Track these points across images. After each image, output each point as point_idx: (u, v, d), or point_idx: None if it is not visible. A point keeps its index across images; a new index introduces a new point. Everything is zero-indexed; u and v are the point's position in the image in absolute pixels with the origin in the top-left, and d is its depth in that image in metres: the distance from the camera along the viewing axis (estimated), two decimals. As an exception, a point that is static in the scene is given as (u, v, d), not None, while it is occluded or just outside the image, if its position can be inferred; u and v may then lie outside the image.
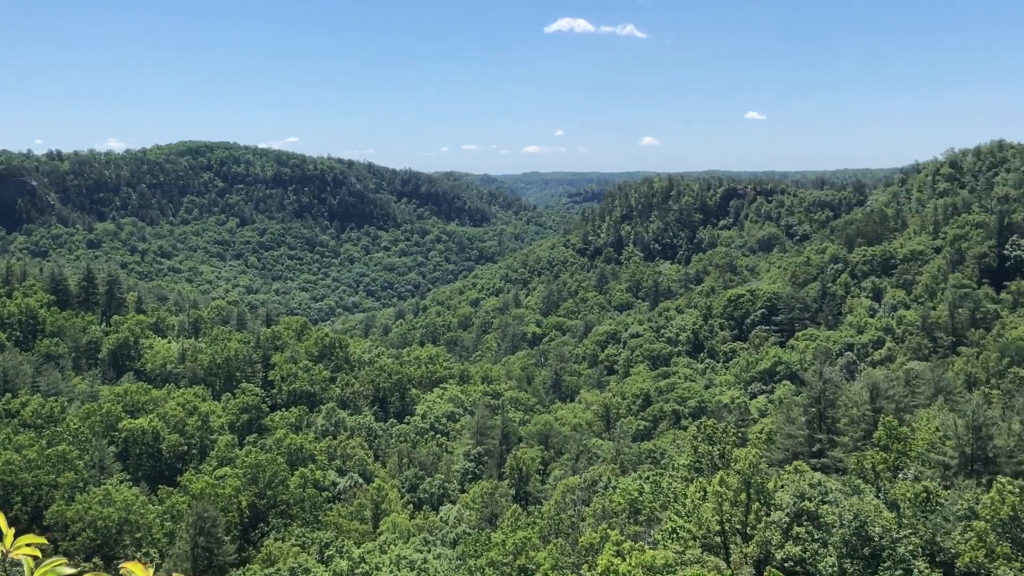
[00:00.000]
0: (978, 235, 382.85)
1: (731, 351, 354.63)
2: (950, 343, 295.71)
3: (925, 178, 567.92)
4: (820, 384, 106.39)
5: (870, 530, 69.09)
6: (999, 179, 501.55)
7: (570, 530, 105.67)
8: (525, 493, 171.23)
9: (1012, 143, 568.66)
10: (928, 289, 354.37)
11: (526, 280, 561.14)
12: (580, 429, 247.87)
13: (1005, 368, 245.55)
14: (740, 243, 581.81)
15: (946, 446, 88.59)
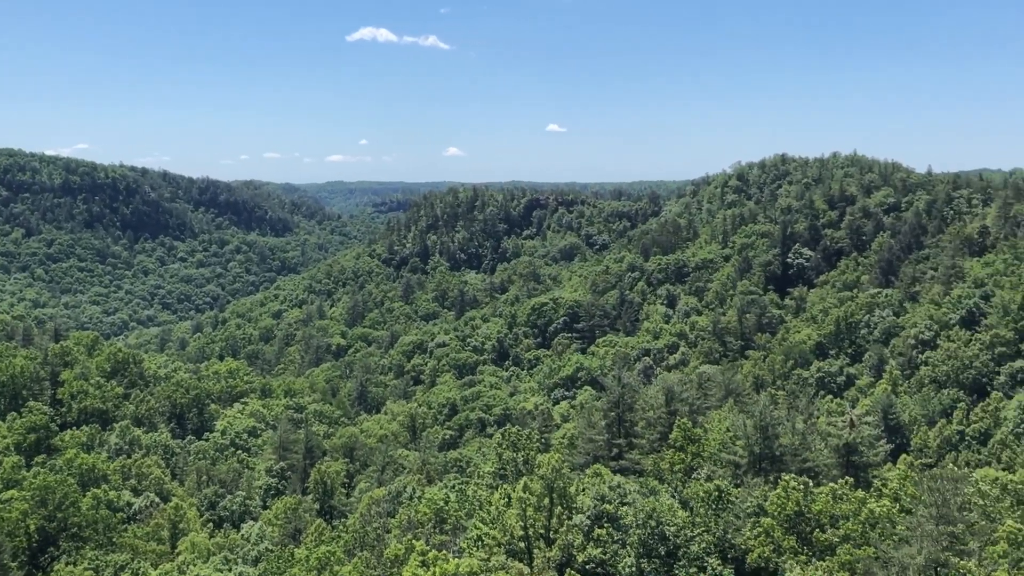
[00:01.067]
0: (764, 244, 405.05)
1: (535, 358, 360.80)
2: (739, 347, 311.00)
3: (715, 190, 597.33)
4: (619, 389, 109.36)
5: (665, 530, 71.46)
6: (782, 191, 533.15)
7: (375, 542, 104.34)
8: (330, 507, 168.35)
9: (794, 157, 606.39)
10: (718, 295, 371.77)
11: (330, 291, 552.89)
12: (386, 440, 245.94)
13: (789, 370, 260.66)
14: (543, 252, 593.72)
15: (736, 446, 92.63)
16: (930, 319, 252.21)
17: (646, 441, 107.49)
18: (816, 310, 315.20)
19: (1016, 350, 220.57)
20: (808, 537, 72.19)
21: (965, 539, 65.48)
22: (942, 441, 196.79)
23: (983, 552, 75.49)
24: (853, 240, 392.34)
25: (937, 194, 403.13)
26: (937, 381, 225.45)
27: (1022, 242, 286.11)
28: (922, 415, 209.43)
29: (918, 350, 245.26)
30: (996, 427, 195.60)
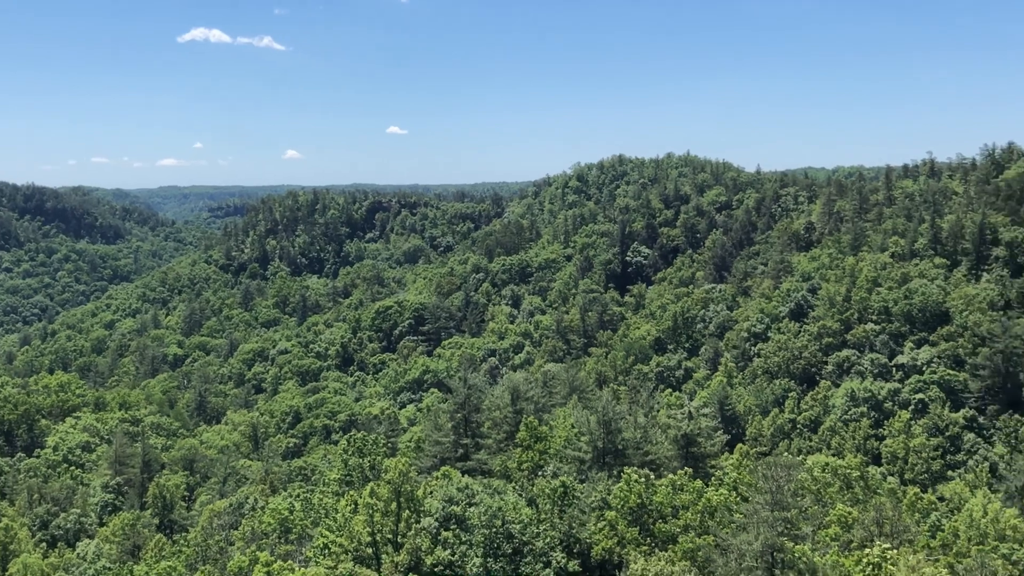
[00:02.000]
0: (604, 243, 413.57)
1: (381, 362, 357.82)
2: (582, 344, 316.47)
3: (556, 191, 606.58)
4: (465, 390, 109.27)
5: (511, 528, 71.77)
6: (620, 191, 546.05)
7: (218, 555, 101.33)
8: (170, 521, 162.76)
9: (631, 158, 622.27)
10: (561, 295, 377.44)
11: (166, 299, 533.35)
12: (227, 451, 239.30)
13: (631, 365, 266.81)
14: (387, 255, 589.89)
15: (581, 442, 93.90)
16: (761, 312, 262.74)
17: (493, 441, 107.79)
18: (655, 306, 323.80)
19: (842, 340, 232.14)
20: (650, 528, 73.81)
21: (799, 524, 68.18)
22: (775, 430, 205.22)
23: (816, 536, 78.98)
24: (688, 238, 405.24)
25: (766, 192, 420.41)
26: (769, 372, 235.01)
27: (845, 237, 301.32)
28: (756, 405, 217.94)
29: (751, 343, 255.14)
30: (825, 415, 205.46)
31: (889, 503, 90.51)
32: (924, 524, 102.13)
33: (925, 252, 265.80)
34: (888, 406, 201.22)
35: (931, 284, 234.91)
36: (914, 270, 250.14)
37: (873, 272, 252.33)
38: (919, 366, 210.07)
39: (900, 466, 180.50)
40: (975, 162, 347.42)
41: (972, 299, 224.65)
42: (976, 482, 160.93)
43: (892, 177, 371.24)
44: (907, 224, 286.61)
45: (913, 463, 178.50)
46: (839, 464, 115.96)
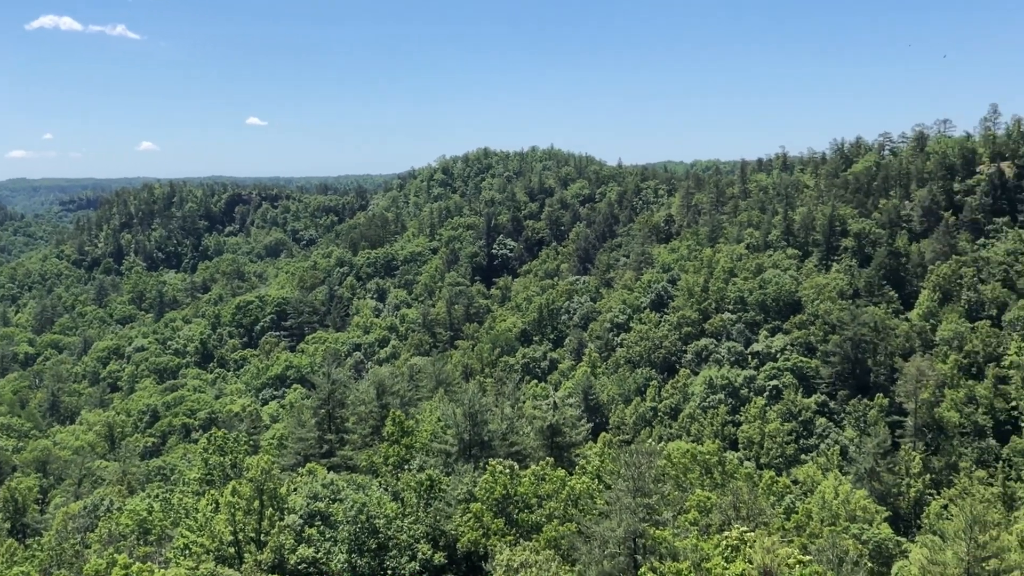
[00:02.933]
0: (470, 236, 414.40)
1: (242, 359, 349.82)
2: (448, 337, 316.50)
3: (421, 183, 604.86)
4: (329, 385, 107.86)
5: (376, 523, 71.25)
6: (486, 184, 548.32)
7: (74, 559, 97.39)
8: (23, 525, 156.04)
9: (496, 151, 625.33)
10: (427, 288, 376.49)
11: (15, 296, 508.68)
12: (82, 452, 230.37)
13: (496, 358, 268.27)
14: (247, 249, 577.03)
15: (447, 435, 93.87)
16: (624, 303, 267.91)
17: (358, 436, 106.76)
18: (520, 299, 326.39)
19: (700, 329, 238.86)
20: (515, 518, 74.39)
21: (660, 509, 69.81)
22: (637, 418, 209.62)
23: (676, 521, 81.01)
24: (553, 230, 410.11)
25: (627, 186, 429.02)
26: (631, 361, 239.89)
27: (703, 229, 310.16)
28: (619, 394, 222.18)
29: (614, 333, 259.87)
30: (685, 402, 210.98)
31: (746, 487, 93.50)
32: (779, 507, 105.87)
33: (778, 243, 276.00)
34: (744, 393, 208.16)
35: (784, 274, 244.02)
36: (768, 261, 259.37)
37: (729, 263, 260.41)
38: (773, 354, 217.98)
39: (756, 451, 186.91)
40: (825, 156, 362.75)
41: (823, 288, 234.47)
42: (828, 465, 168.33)
43: (747, 171, 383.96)
44: (761, 216, 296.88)
45: (768, 448, 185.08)
46: (698, 450, 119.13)
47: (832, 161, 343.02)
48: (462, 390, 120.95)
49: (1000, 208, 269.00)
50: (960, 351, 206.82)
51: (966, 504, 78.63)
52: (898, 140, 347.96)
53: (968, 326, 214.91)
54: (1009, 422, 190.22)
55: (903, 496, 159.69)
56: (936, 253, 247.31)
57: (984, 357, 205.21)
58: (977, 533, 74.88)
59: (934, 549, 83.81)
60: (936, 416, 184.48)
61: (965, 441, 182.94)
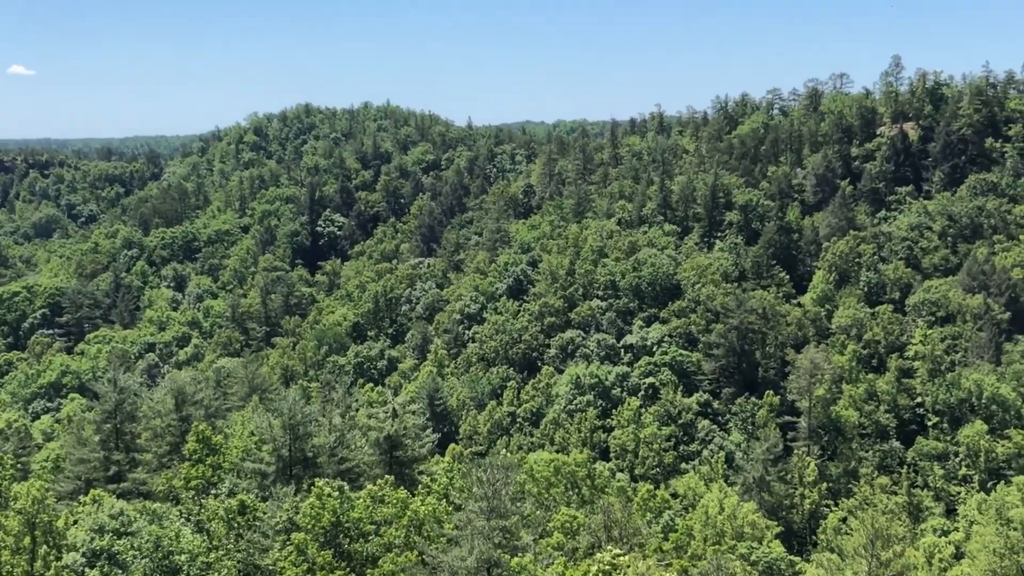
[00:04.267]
0: (289, 211, 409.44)
1: (6, 364, 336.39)
2: (264, 334, 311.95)
3: (228, 147, 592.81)
4: (115, 395, 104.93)
5: (176, 560, 69.94)
6: (308, 147, 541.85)
7: None
8: None
9: (320, 108, 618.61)
10: (237, 274, 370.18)
11: None
12: None
13: (324, 357, 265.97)
14: (11, 228, 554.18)
15: (263, 451, 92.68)
16: (476, 290, 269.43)
17: (153, 456, 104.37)
18: (352, 286, 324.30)
19: (566, 320, 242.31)
20: (347, 550, 74.15)
21: (519, 533, 70.57)
22: (493, 425, 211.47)
23: (538, 545, 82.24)
24: (391, 204, 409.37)
25: (479, 150, 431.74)
26: (485, 359, 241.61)
27: (568, 201, 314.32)
28: (471, 398, 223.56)
29: (464, 325, 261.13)
30: (548, 405, 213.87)
31: (618, 503, 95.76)
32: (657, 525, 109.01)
33: (654, 218, 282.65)
34: (616, 393, 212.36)
35: (661, 254, 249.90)
36: (643, 239, 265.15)
37: (598, 241, 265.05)
38: (649, 347, 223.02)
39: (630, 460, 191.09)
40: (707, 116, 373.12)
41: (705, 270, 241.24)
42: (711, 475, 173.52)
43: (618, 133, 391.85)
44: (635, 187, 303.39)
45: (644, 456, 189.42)
46: (564, 461, 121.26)
47: (715, 122, 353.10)
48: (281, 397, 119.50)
49: (903, 176, 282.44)
50: (859, 340, 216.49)
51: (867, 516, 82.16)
52: (789, 97, 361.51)
53: (868, 312, 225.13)
54: (914, 421, 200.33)
55: (797, 509, 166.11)
56: (832, 228, 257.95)
57: (886, 347, 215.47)
58: (879, 549, 77.97)
59: (831, 569, 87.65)
60: (833, 416, 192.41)
61: (865, 444, 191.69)
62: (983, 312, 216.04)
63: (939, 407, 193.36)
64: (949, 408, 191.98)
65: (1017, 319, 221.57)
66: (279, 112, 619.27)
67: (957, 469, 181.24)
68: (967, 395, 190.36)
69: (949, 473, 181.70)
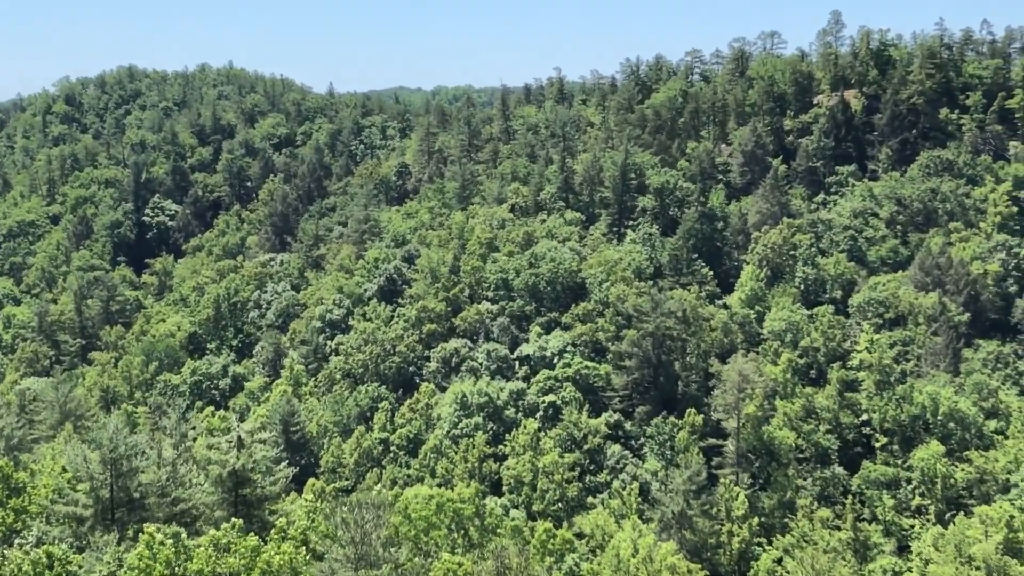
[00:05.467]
0: (109, 197, 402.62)
1: None
2: (79, 348, 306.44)
3: (33, 119, 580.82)
4: None
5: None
6: (132, 119, 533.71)
7: None
8: None
9: (147, 71, 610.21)
10: (46, 275, 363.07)
11: None
12: None
13: (153, 376, 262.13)
14: None
15: (78, 492, 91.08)
16: (340, 292, 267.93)
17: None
18: (188, 288, 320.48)
19: (449, 327, 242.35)
20: (184, 610, 73.36)
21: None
22: (361, 455, 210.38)
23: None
24: (235, 188, 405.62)
25: (343, 122, 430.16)
26: (352, 376, 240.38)
27: (451, 184, 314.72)
28: (334, 423, 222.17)
29: (326, 335, 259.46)
30: (428, 430, 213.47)
31: (513, 546, 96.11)
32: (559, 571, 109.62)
33: (554, 204, 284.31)
34: (510, 414, 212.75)
35: (562, 247, 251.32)
36: (541, 229, 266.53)
37: (488, 232, 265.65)
38: (549, 358, 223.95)
39: (527, 494, 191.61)
40: (615, 82, 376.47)
41: (614, 266, 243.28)
42: (623, 510, 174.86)
43: (510, 102, 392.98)
44: (530, 166, 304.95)
45: (544, 489, 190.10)
46: (447, 497, 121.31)
47: (624, 89, 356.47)
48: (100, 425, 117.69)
49: (845, 153, 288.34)
50: (795, 348, 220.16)
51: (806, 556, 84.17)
52: (711, 60, 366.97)
53: (805, 314, 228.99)
54: (860, 442, 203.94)
55: (724, 548, 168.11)
56: (762, 215, 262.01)
57: (826, 355, 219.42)
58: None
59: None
60: (765, 437, 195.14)
61: (804, 470, 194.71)
62: (938, 313, 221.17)
63: (888, 426, 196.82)
64: (900, 427, 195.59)
65: (977, 321, 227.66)
66: (96, 76, 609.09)
67: (910, 498, 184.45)
68: (920, 411, 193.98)
69: (901, 503, 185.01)
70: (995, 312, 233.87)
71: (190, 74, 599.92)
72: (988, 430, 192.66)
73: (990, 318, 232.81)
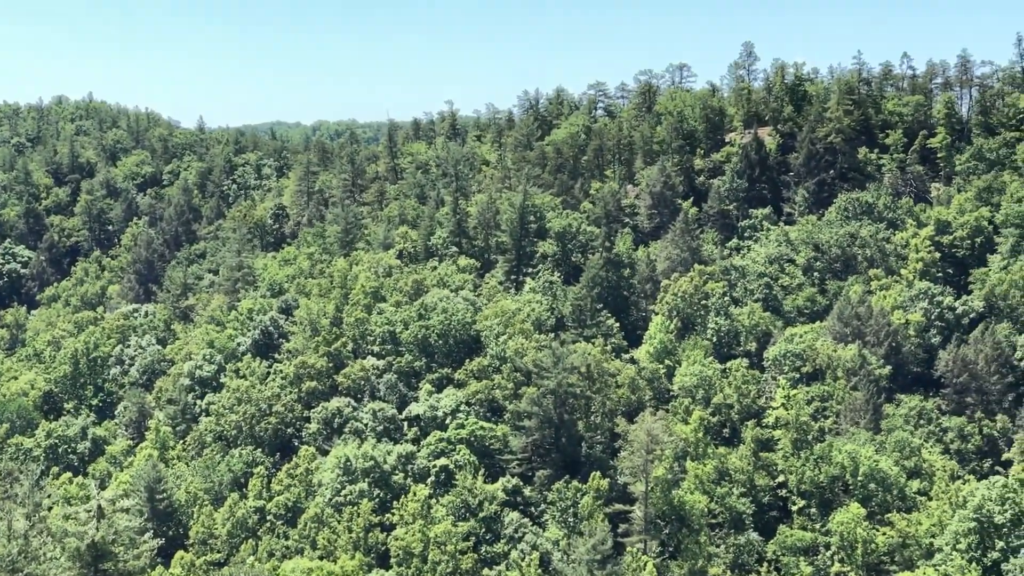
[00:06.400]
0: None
1: None
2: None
3: None
4: None
5: None
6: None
7: None
8: None
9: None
10: None
11: None
12: None
13: (4, 438, 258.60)
14: None
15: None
16: (211, 347, 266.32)
17: None
18: (42, 342, 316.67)
19: (331, 384, 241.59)
20: None
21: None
22: (235, 524, 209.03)
23: None
24: (95, 232, 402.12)
25: (214, 160, 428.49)
26: (224, 438, 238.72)
27: (332, 228, 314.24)
28: (205, 489, 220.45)
29: (196, 394, 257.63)
30: (309, 497, 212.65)
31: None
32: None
33: (446, 250, 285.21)
34: (398, 479, 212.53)
35: (455, 297, 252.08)
36: (432, 277, 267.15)
37: (373, 281, 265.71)
38: (441, 418, 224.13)
39: (417, 567, 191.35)
40: (512, 117, 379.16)
41: (512, 317, 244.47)
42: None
43: (397, 138, 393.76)
44: (420, 209, 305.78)
45: (435, 560, 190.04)
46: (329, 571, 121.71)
47: (523, 125, 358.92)
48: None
49: (759, 195, 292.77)
50: (707, 405, 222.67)
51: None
52: (616, 94, 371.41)
53: (717, 368, 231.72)
54: (775, 505, 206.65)
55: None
56: (672, 262, 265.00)
57: (740, 413, 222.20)
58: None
59: None
60: (675, 502, 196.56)
61: (716, 536, 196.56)
62: (858, 366, 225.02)
63: (806, 487, 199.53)
64: (818, 488, 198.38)
65: (899, 374, 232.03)
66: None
67: (828, 565, 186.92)
68: (840, 471, 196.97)
69: (819, 570, 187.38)
70: (917, 365, 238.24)
71: (45, 107, 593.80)
72: (911, 491, 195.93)
73: (912, 371, 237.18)
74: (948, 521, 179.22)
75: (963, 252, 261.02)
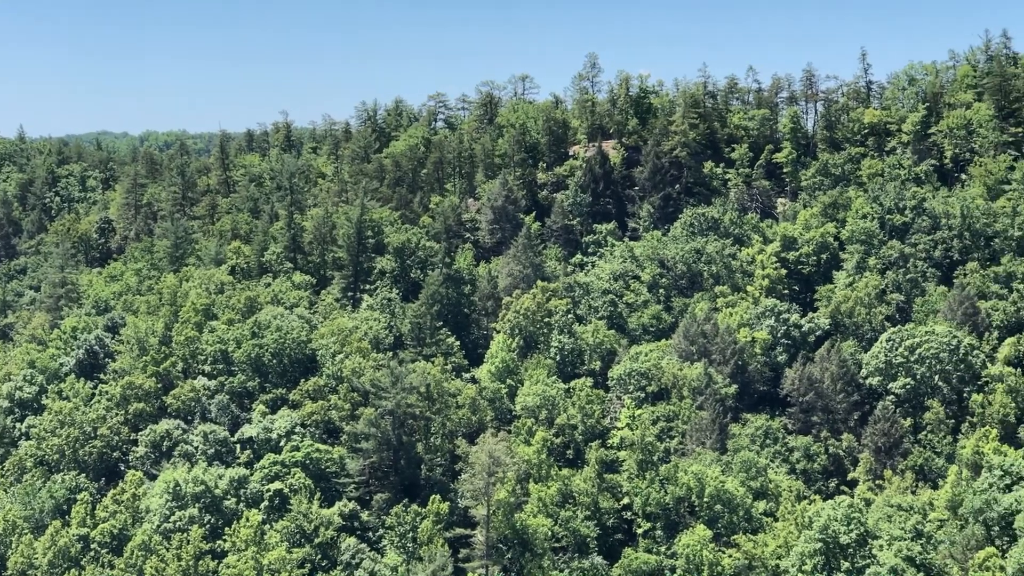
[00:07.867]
0: None
1: None
2: None
3: None
4: None
5: None
6: None
7: None
8: None
9: None
10: None
11: None
12: None
13: None
14: None
15: None
16: (31, 367, 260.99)
17: None
18: None
19: (160, 406, 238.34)
20: None
21: None
22: (57, 554, 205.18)
23: None
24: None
25: (35, 171, 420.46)
26: (46, 463, 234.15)
27: (161, 243, 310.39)
28: (24, 517, 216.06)
29: (15, 416, 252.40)
30: (136, 524, 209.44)
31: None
32: None
33: (280, 265, 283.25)
34: (230, 504, 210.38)
35: (290, 315, 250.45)
36: (265, 294, 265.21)
37: (204, 298, 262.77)
38: (275, 440, 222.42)
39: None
40: (349, 128, 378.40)
41: (349, 335, 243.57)
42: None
43: (229, 150, 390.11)
44: (253, 223, 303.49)
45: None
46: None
47: (360, 136, 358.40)
48: None
49: (604, 209, 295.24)
50: (550, 426, 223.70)
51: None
52: (457, 106, 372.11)
53: (561, 388, 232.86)
54: (620, 528, 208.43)
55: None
56: (514, 278, 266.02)
57: (584, 434, 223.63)
58: None
59: None
60: (518, 525, 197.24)
61: (560, 560, 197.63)
62: (704, 385, 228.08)
63: (651, 509, 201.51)
64: (663, 510, 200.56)
65: (745, 393, 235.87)
66: None
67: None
68: (685, 493, 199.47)
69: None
70: (763, 383, 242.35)
71: None
72: (757, 512, 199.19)
73: (758, 390, 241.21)
74: (794, 542, 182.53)
75: (809, 269, 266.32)
